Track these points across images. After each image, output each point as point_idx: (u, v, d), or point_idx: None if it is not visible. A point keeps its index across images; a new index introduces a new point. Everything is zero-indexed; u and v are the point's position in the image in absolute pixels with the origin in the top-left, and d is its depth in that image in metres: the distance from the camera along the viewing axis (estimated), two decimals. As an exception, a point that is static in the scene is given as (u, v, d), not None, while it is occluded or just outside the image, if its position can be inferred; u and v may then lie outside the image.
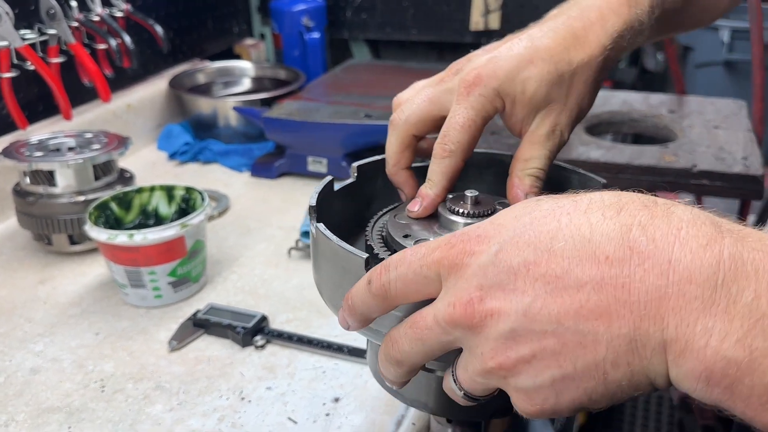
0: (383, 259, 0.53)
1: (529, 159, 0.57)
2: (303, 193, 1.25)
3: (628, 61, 3.73)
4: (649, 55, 3.63)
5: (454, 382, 0.43)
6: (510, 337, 0.38)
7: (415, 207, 0.56)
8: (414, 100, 0.58)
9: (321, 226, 0.51)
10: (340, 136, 1.25)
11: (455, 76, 0.57)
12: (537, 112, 0.56)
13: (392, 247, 0.55)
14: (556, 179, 0.63)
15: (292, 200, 1.23)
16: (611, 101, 1.44)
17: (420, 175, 0.59)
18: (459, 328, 0.39)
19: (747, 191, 1.09)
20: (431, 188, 0.56)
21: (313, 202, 0.55)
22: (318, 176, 1.29)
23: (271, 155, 1.36)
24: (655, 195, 0.39)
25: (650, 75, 3.58)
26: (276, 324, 0.87)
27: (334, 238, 0.49)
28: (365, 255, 0.47)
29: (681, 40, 3.14)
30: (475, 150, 0.61)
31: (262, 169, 1.33)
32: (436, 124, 0.58)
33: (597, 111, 1.39)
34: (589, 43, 0.57)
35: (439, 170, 0.56)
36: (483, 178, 0.65)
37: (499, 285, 0.38)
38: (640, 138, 1.51)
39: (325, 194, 0.58)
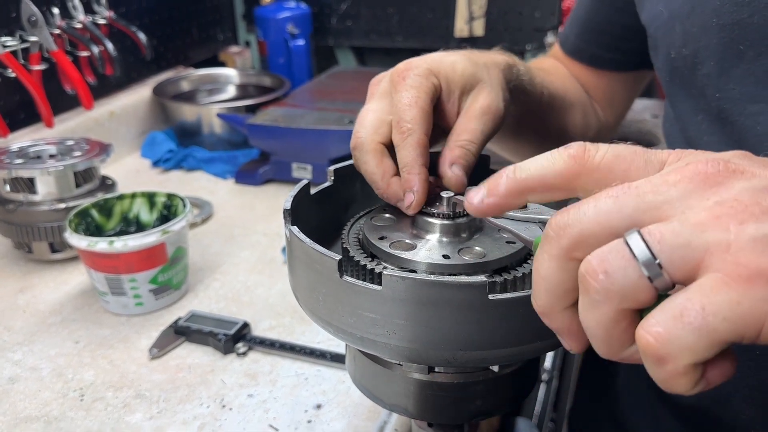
0: (358, 261, 0.53)
1: (461, 132, 0.56)
2: (287, 200, 1.25)
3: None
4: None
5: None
6: None
7: (409, 198, 0.54)
8: (361, 118, 0.58)
9: (295, 229, 0.51)
10: (324, 142, 1.25)
11: (381, 83, 0.59)
12: (470, 90, 0.57)
13: (368, 249, 0.55)
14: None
15: (277, 207, 1.23)
16: (595, 106, 1.44)
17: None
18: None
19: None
20: (409, 172, 0.54)
21: (288, 206, 0.54)
22: (302, 182, 1.28)
23: (255, 162, 1.36)
24: None
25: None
26: (258, 331, 0.87)
27: (307, 240, 0.49)
28: (338, 256, 0.46)
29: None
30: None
31: (247, 175, 1.32)
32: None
33: (581, 115, 1.39)
34: (489, 56, 0.63)
35: (407, 153, 0.54)
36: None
37: None
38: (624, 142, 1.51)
39: (301, 198, 0.58)
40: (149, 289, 0.89)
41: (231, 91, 1.66)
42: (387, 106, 0.56)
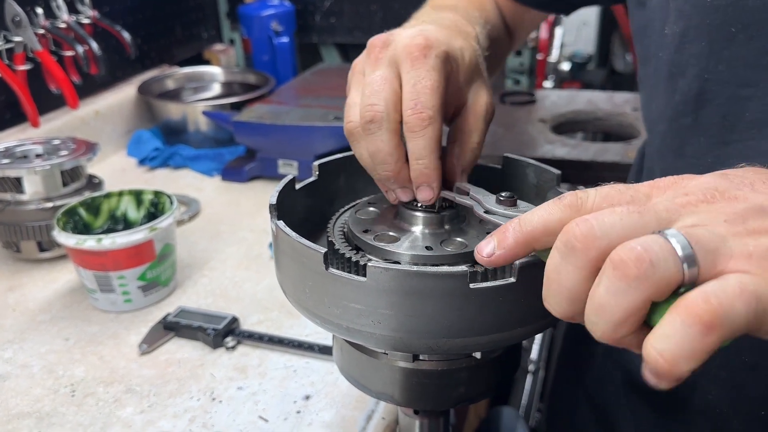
0: (343, 254, 0.55)
1: (472, 132, 0.56)
2: (274, 196, 1.26)
3: (597, 63, 3.78)
4: (617, 56, 3.68)
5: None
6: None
7: (427, 194, 0.53)
8: (375, 88, 0.53)
9: (281, 223, 0.52)
10: (310, 138, 1.26)
11: (388, 49, 0.54)
12: (472, 81, 0.57)
13: (353, 242, 0.56)
14: (514, 172, 0.65)
15: (263, 203, 1.24)
16: (576, 100, 1.46)
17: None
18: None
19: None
20: (427, 166, 0.52)
21: (273, 201, 0.56)
22: (289, 179, 1.29)
23: (241, 159, 1.37)
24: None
25: (620, 76, 3.63)
26: (247, 325, 0.88)
27: (292, 234, 0.50)
28: (324, 249, 0.48)
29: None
30: None
31: (233, 173, 1.33)
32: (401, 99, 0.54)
33: (562, 110, 1.41)
34: (469, 35, 0.61)
35: (425, 143, 0.51)
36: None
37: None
38: (606, 136, 1.54)
39: (286, 193, 0.59)
40: (138, 285, 0.90)
41: (216, 88, 1.66)
42: (397, 78, 0.53)
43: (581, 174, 1.21)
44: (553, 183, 0.62)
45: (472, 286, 0.46)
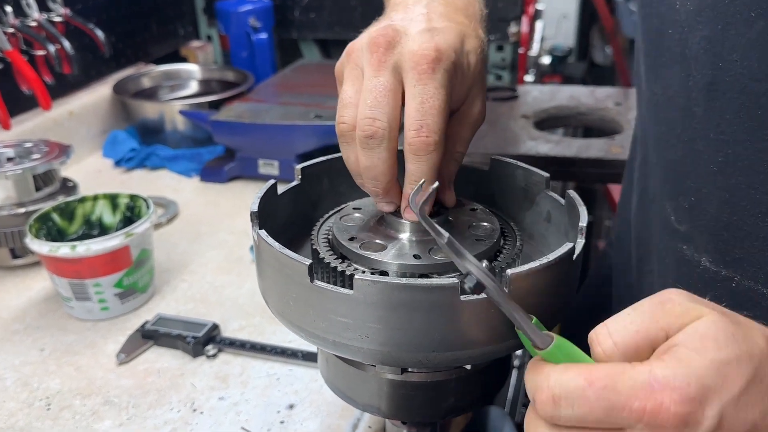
0: (328, 263, 0.53)
1: (458, 141, 0.54)
2: (255, 196, 1.23)
3: (578, 56, 3.79)
4: (597, 49, 3.69)
5: None
6: None
7: (415, 218, 0.50)
8: (377, 99, 0.49)
9: (263, 232, 0.50)
10: (290, 137, 1.24)
11: (394, 51, 0.50)
12: (470, 88, 0.54)
13: (338, 250, 0.54)
14: (501, 174, 0.64)
15: (244, 204, 1.21)
16: (558, 96, 1.45)
17: None
18: None
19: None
20: (425, 188, 0.49)
21: (255, 208, 0.54)
22: (270, 179, 1.26)
23: (220, 159, 1.34)
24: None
25: (599, 68, 3.64)
26: (228, 332, 0.86)
27: (276, 244, 0.48)
28: (308, 261, 0.46)
29: (628, 33, 3.20)
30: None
31: (212, 173, 1.30)
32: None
33: (545, 106, 1.40)
34: (475, 17, 0.56)
35: (426, 168, 0.49)
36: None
37: None
38: (588, 131, 1.53)
39: (268, 199, 0.57)
40: (114, 293, 0.87)
41: (193, 86, 1.63)
42: (401, 86, 0.50)
43: (565, 170, 1.20)
44: (542, 186, 0.61)
45: (462, 298, 0.44)
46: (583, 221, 0.52)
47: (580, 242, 0.50)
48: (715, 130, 0.53)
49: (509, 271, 0.44)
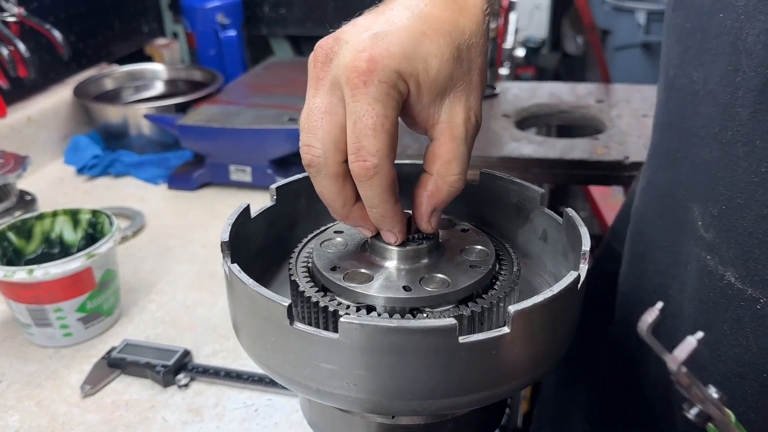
0: (309, 297, 0.48)
1: (450, 161, 0.47)
2: (227, 205, 1.18)
3: (550, 47, 3.78)
4: (569, 39, 3.67)
5: None
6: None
7: (390, 237, 0.49)
8: (312, 123, 0.46)
9: (235, 267, 0.45)
10: (263, 142, 1.18)
11: (331, 65, 0.45)
12: (444, 95, 0.46)
13: (320, 282, 0.50)
14: (494, 190, 0.59)
15: (215, 213, 1.16)
16: (539, 93, 1.41)
17: None
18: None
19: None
20: (383, 215, 0.47)
21: (226, 237, 0.48)
22: (242, 186, 1.21)
23: (189, 165, 1.28)
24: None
25: (572, 58, 3.63)
26: (201, 358, 0.80)
27: (250, 282, 0.43)
28: (287, 302, 0.41)
29: (599, 23, 3.18)
30: (403, 162, 0.55)
31: (180, 180, 1.24)
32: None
33: (525, 104, 1.36)
34: (470, 7, 0.49)
35: (374, 192, 0.45)
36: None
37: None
38: (570, 129, 1.49)
39: (241, 224, 0.52)
40: (77, 318, 0.81)
41: (159, 87, 1.56)
42: (340, 105, 0.45)
43: (549, 172, 1.16)
44: (536, 203, 0.56)
45: (461, 340, 0.39)
46: (586, 245, 0.48)
47: (584, 268, 0.46)
48: (763, 138, 0.47)
49: (511, 308, 0.40)
